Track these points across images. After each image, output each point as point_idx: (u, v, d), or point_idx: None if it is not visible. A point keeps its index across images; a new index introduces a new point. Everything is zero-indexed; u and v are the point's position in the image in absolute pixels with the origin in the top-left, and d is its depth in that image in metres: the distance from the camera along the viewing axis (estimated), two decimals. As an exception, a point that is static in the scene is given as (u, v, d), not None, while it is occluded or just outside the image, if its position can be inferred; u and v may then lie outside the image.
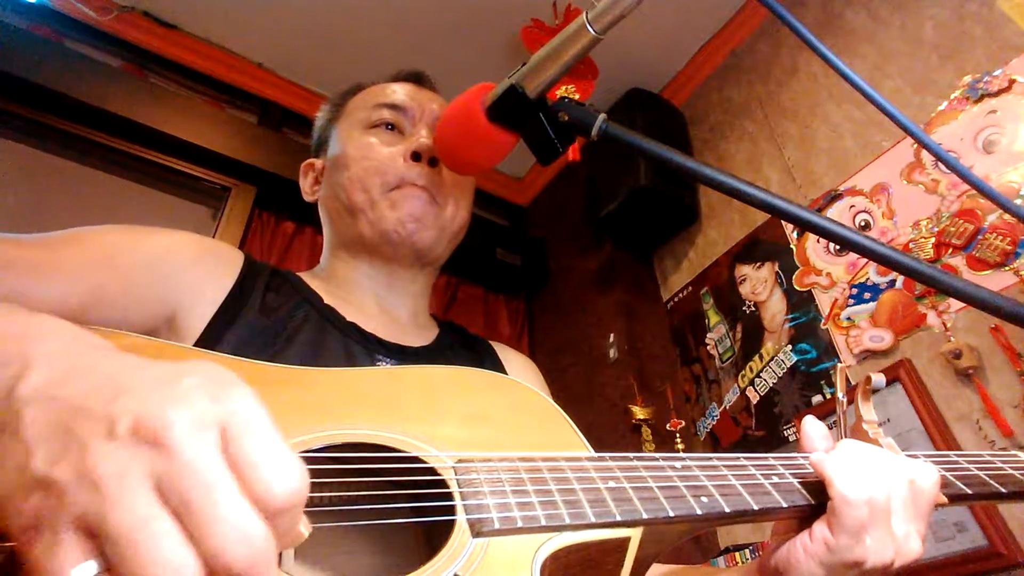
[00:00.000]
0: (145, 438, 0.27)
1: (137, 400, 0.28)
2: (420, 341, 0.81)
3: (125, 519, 0.25)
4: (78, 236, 0.62)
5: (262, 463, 0.28)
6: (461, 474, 0.44)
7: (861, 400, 0.58)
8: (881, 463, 0.50)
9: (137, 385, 0.30)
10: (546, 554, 0.40)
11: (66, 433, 0.28)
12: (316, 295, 0.76)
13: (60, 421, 0.28)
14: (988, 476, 0.57)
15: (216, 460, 0.27)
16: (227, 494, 0.27)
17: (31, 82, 1.98)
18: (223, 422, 0.28)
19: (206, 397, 0.29)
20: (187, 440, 0.27)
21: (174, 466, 0.26)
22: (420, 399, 0.53)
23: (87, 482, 0.26)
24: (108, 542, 0.25)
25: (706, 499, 0.45)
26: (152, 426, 0.27)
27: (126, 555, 0.25)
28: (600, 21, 0.55)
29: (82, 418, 0.28)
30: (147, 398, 0.28)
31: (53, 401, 0.29)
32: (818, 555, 0.47)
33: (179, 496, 0.26)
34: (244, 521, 0.26)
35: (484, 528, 0.39)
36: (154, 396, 0.29)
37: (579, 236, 2.85)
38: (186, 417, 0.27)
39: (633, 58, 2.68)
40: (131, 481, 0.26)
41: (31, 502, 0.26)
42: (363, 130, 0.85)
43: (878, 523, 0.47)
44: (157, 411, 0.27)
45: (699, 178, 0.53)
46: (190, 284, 0.65)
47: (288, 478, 0.28)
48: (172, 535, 0.25)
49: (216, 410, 0.29)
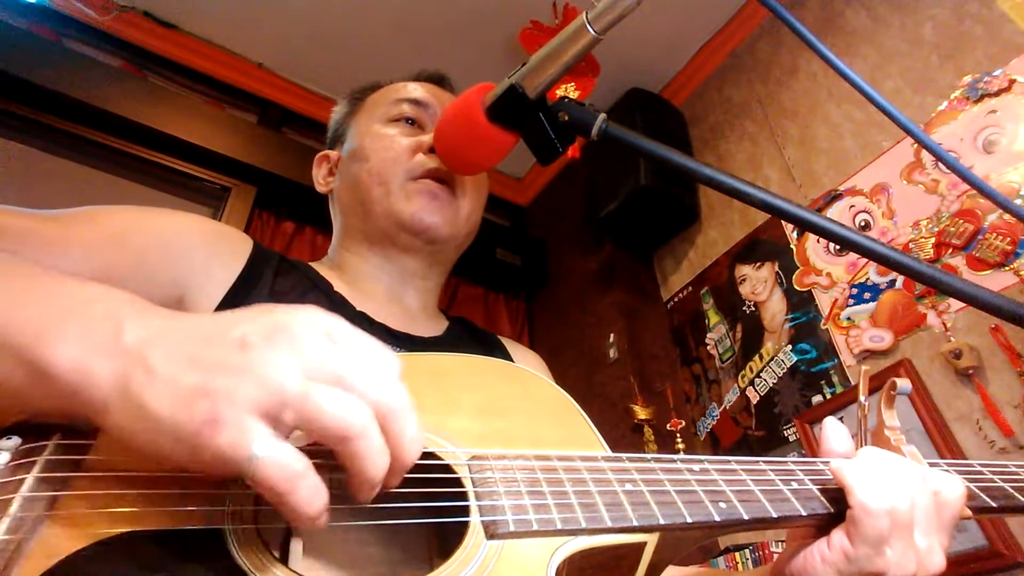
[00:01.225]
0: (278, 342, 0.33)
1: (249, 324, 0.34)
2: (430, 332, 0.80)
3: (298, 387, 0.32)
4: (91, 214, 0.62)
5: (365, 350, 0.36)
6: (475, 472, 0.43)
7: (884, 405, 0.55)
8: (904, 473, 0.47)
9: (238, 318, 0.35)
10: (561, 558, 0.39)
11: (199, 359, 0.32)
12: (326, 282, 0.76)
13: (190, 353, 0.33)
14: (1013, 488, 0.55)
15: (337, 350, 0.35)
16: (361, 364, 0.35)
17: (31, 82, 1.98)
18: (323, 327, 0.35)
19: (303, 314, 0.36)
20: (311, 338, 0.34)
21: (312, 357, 0.33)
22: (434, 388, 0.52)
23: (249, 379, 0.31)
24: (294, 412, 0.32)
25: (724, 505, 0.44)
26: (279, 334, 0.33)
27: (310, 410, 0.32)
28: (600, 21, 0.55)
29: (209, 345, 0.33)
30: (261, 321, 0.34)
31: (170, 343, 0.33)
32: (836, 564, 0.46)
33: (327, 372, 0.33)
34: (384, 378, 0.35)
35: (499, 530, 0.39)
36: (266, 319, 0.35)
37: (579, 236, 2.84)
38: (301, 324, 0.35)
39: (633, 58, 2.68)
40: (286, 367, 0.32)
41: (201, 406, 0.31)
42: (382, 123, 0.85)
43: (900, 535, 0.45)
44: (273, 321, 0.34)
45: (699, 178, 0.53)
46: (200, 266, 0.65)
47: (386, 359, 0.37)
48: (336, 390, 0.33)
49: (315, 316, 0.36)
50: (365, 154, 0.82)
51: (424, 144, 0.79)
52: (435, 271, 0.86)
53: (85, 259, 0.57)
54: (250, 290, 0.67)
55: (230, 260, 0.68)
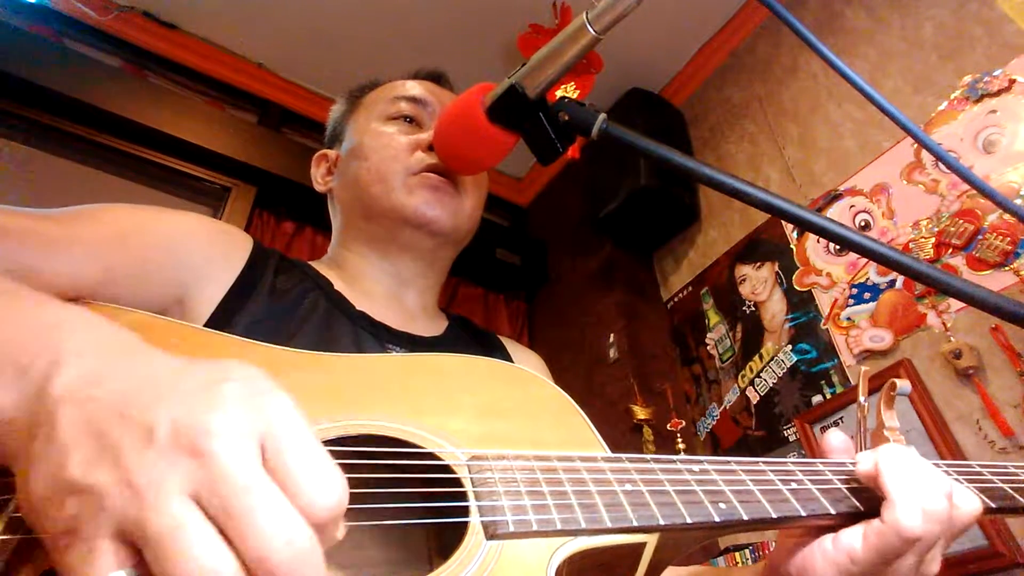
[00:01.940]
0: (184, 447, 0.27)
1: (176, 407, 0.28)
2: (430, 331, 0.80)
3: (164, 523, 0.25)
4: (93, 213, 0.62)
5: (304, 476, 0.28)
6: (475, 472, 0.43)
7: (884, 406, 0.55)
8: (940, 492, 0.45)
9: (176, 390, 0.29)
10: (561, 558, 0.39)
11: (102, 437, 0.27)
12: (326, 281, 0.75)
13: (96, 424, 0.28)
14: (1013, 489, 0.55)
15: (256, 469, 0.27)
16: (269, 498, 0.27)
17: (31, 82, 1.98)
18: (263, 432, 0.28)
19: (245, 406, 0.29)
20: (227, 450, 0.27)
21: (214, 475, 0.26)
22: (434, 389, 0.52)
23: (125, 489, 0.26)
24: (147, 548, 0.25)
25: (724, 505, 0.44)
26: (192, 435, 0.27)
27: (165, 557, 0.25)
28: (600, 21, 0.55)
29: (120, 423, 0.28)
30: (186, 405, 0.28)
31: (88, 402, 0.29)
32: (838, 565, 0.45)
33: (219, 504, 0.26)
34: (289, 523, 0.26)
35: (498, 531, 0.39)
36: (193, 403, 0.28)
37: (579, 236, 2.84)
38: (226, 426, 0.27)
39: (633, 58, 2.68)
40: (170, 488, 0.26)
41: (67, 508, 0.26)
42: (381, 122, 0.84)
43: (915, 553, 0.45)
44: (197, 419, 0.27)
45: (699, 178, 0.53)
46: (201, 265, 0.65)
47: (330, 491, 0.28)
48: (211, 538, 0.25)
49: (256, 420, 0.28)
50: (364, 152, 0.82)
51: (423, 142, 0.79)
52: (435, 269, 0.86)
53: (87, 260, 0.57)
54: (250, 289, 0.67)
55: (231, 259, 0.68)
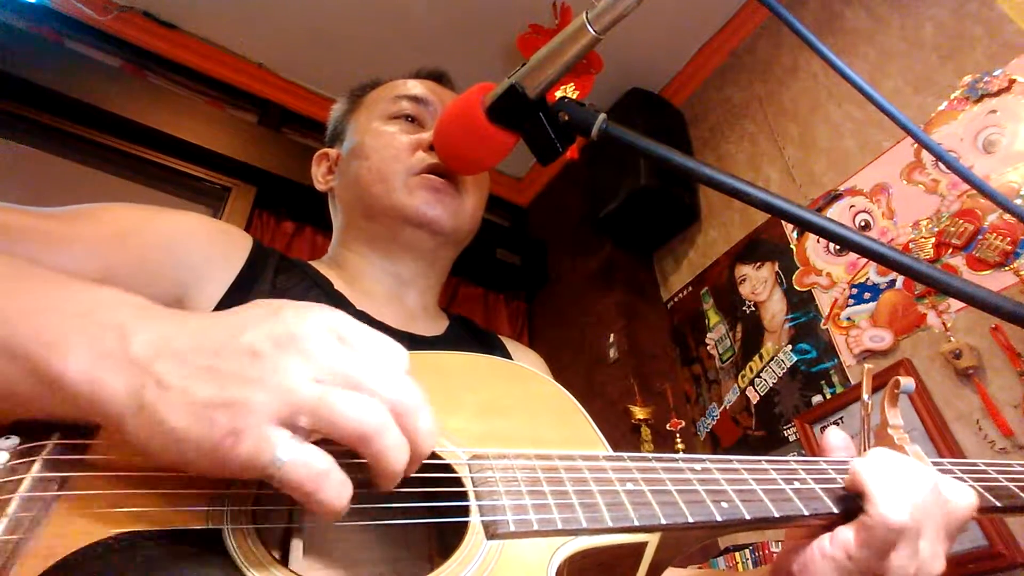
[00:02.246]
0: (289, 349, 0.33)
1: (259, 330, 0.34)
2: (431, 331, 0.80)
3: (314, 392, 0.32)
4: (92, 212, 0.62)
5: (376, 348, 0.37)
6: (476, 472, 0.43)
7: (888, 404, 0.55)
8: (922, 483, 0.47)
9: (247, 322, 0.35)
10: (562, 558, 0.39)
11: (212, 371, 0.32)
12: (326, 280, 0.75)
13: (198, 364, 0.32)
14: (1019, 488, 0.54)
15: (346, 350, 0.35)
16: (372, 364, 0.35)
17: (31, 82, 1.98)
18: (331, 328, 0.35)
19: (310, 314, 0.36)
20: (322, 344, 0.34)
21: (324, 363, 0.34)
22: (435, 387, 0.52)
23: (263, 390, 0.32)
24: (310, 416, 0.32)
25: (726, 504, 0.44)
26: (289, 341, 0.34)
27: (332, 411, 0.32)
28: (600, 21, 0.55)
29: (218, 357, 0.33)
30: (266, 325, 0.34)
31: (178, 354, 0.33)
32: (835, 561, 0.46)
33: (343, 379, 0.34)
34: (394, 373, 0.36)
35: (499, 530, 0.39)
36: (271, 323, 0.35)
37: (579, 236, 2.84)
38: (310, 329, 0.34)
39: (633, 58, 2.68)
40: (298, 375, 0.33)
41: (219, 418, 0.31)
42: (383, 121, 0.84)
43: (907, 544, 0.45)
44: (285, 329, 0.34)
45: (699, 178, 0.53)
46: (200, 265, 0.65)
47: (395, 351, 0.38)
48: (352, 393, 0.33)
49: (322, 320, 0.36)
50: (365, 152, 0.82)
51: (424, 141, 0.79)
52: (435, 269, 0.86)
53: (87, 258, 0.57)
54: (250, 288, 0.67)
55: (230, 258, 0.68)
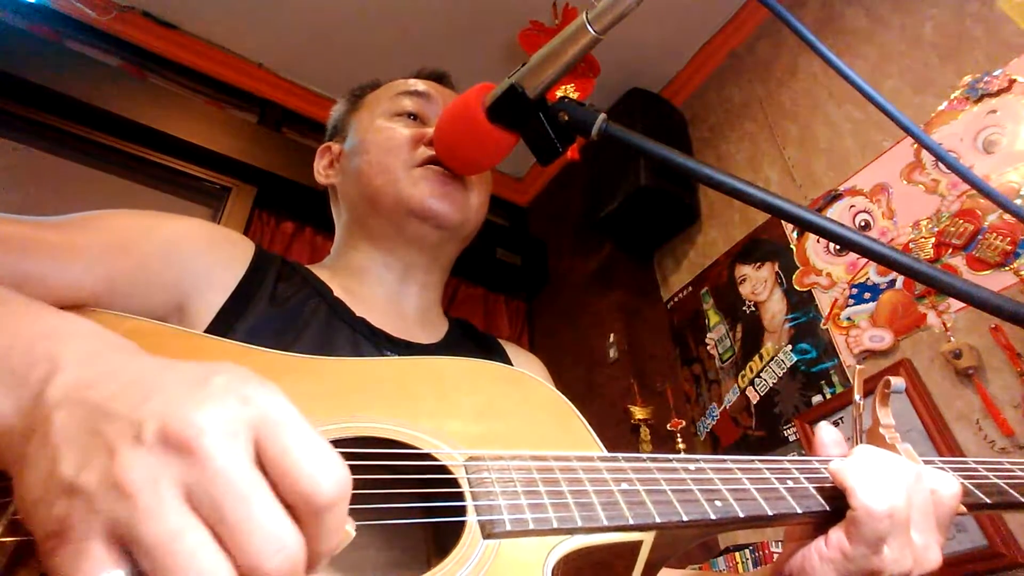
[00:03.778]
0: (174, 445, 0.26)
1: (165, 403, 0.27)
2: (429, 338, 0.80)
3: (159, 529, 0.25)
4: (92, 220, 0.62)
5: (303, 461, 0.27)
6: (472, 472, 0.43)
7: (879, 404, 0.55)
8: (901, 472, 0.48)
9: (164, 387, 0.29)
10: (558, 557, 0.39)
11: (94, 437, 0.27)
12: (326, 288, 0.75)
13: (88, 425, 0.27)
14: (1008, 485, 0.55)
15: (248, 467, 0.26)
16: (263, 503, 0.26)
17: (31, 82, 1.98)
18: (255, 425, 0.28)
19: (235, 399, 0.28)
20: (218, 447, 0.26)
21: (206, 475, 0.26)
22: (431, 391, 0.52)
23: (115, 490, 0.25)
24: (141, 553, 0.25)
25: (720, 503, 0.44)
26: (180, 432, 0.26)
27: (162, 566, 0.24)
28: (600, 21, 0.55)
29: (109, 422, 0.27)
30: (175, 401, 0.28)
31: (82, 404, 0.28)
32: (834, 562, 0.46)
33: (212, 506, 0.25)
34: (281, 530, 0.26)
35: (495, 529, 0.39)
36: (182, 399, 0.28)
37: (579, 236, 2.85)
38: (216, 422, 0.27)
39: (633, 58, 2.68)
40: (161, 490, 0.25)
41: (58, 508, 0.26)
42: (385, 118, 0.84)
43: (897, 534, 0.46)
44: (186, 415, 0.27)
45: (699, 178, 0.53)
46: (202, 272, 0.65)
47: (331, 472, 0.28)
48: (208, 546, 0.25)
49: (247, 412, 0.28)
50: (366, 147, 0.82)
51: (426, 136, 0.79)
52: (438, 265, 0.86)
53: (87, 268, 0.57)
54: (251, 296, 0.66)
55: (232, 265, 0.68)
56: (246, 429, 0.27)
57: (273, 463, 0.27)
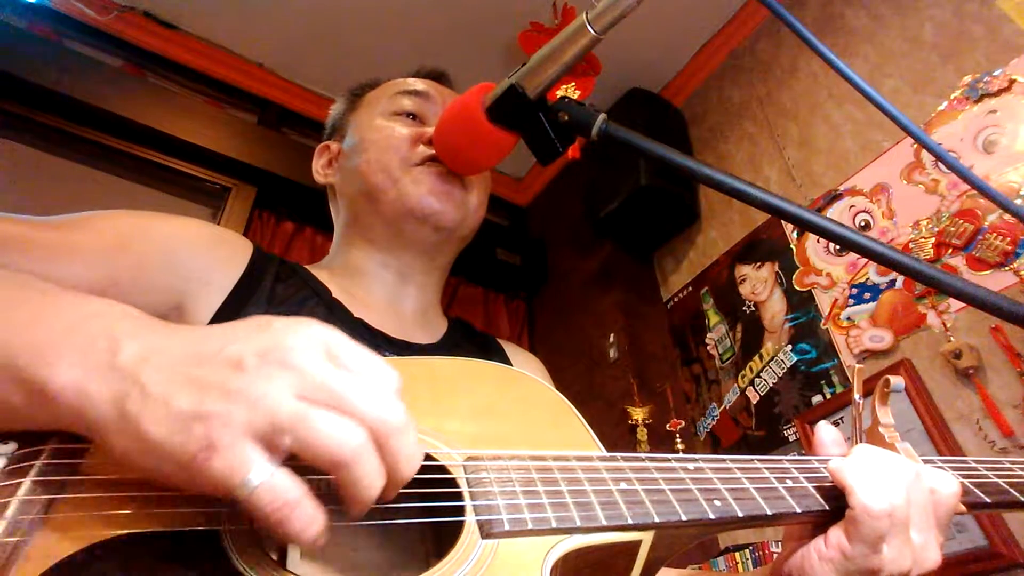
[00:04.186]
0: (275, 362, 0.33)
1: (247, 342, 0.34)
2: (427, 338, 0.80)
3: (296, 410, 0.31)
4: (91, 220, 0.62)
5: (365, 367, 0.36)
6: (471, 472, 0.43)
7: (878, 403, 0.55)
8: (900, 470, 0.48)
9: (235, 335, 0.35)
10: (557, 556, 0.39)
11: (195, 381, 0.32)
12: (324, 288, 0.75)
13: (182, 374, 0.32)
14: (1007, 483, 0.55)
15: (334, 367, 0.34)
16: (359, 382, 0.34)
17: (31, 82, 1.98)
18: (323, 343, 0.35)
19: (301, 328, 0.35)
20: (310, 358, 0.33)
21: (307, 376, 0.33)
22: (430, 391, 0.52)
23: (244, 403, 0.31)
24: (288, 434, 0.31)
25: (719, 503, 0.44)
26: (276, 354, 0.33)
27: (311, 432, 0.31)
28: (600, 21, 0.55)
29: (202, 367, 0.32)
30: (254, 338, 0.34)
31: (164, 364, 0.33)
32: (833, 562, 0.46)
33: (326, 396, 0.33)
34: (381, 392, 0.34)
35: (493, 529, 0.39)
36: (260, 336, 0.34)
37: (579, 236, 2.84)
38: (299, 343, 0.34)
39: (633, 58, 2.68)
40: (281, 390, 0.32)
41: (195, 431, 0.30)
42: (384, 118, 0.84)
43: (896, 533, 0.46)
44: (273, 343, 0.33)
45: (699, 178, 0.53)
46: (200, 273, 0.65)
47: (386, 373, 0.36)
48: (332, 412, 0.32)
49: (313, 335, 0.35)
50: (365, 146, 0.82)
51: (425, 135, 0.79)
52: (436, 265, 0.85)
53: (90, 269, 0.57)
54: (249, 297, 0.66)
55: (229, 266, 0.68)
56: (321, 345, 0.35)
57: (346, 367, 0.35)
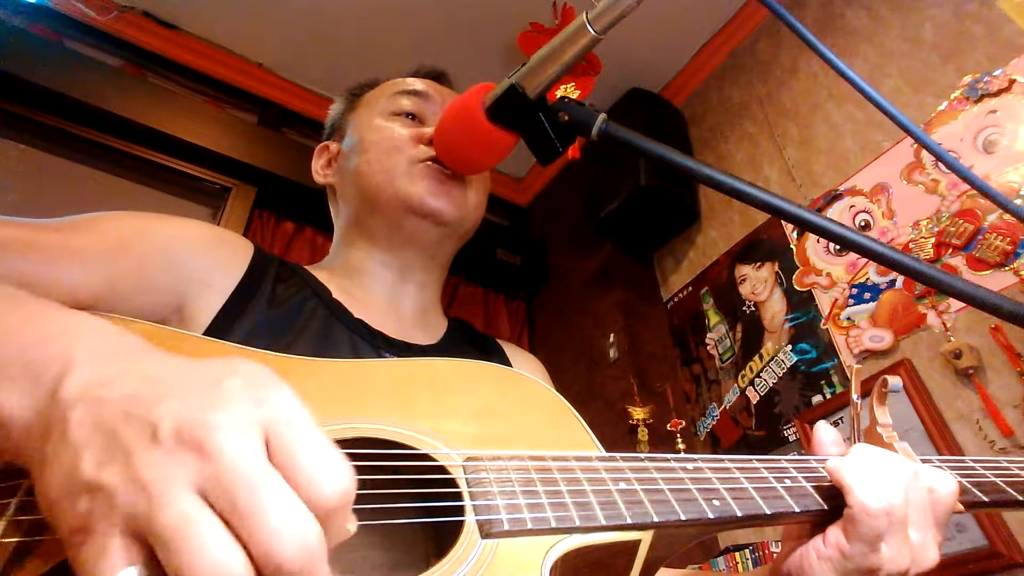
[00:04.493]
0: (188, 443, 0.27)
1: (179, 404, 0.28)
2: (427, 339, 0.80)
3: (173, 519, 0.25)
4: (92, 222, 0.62)
5: (310, 464, 0.28)
6: (470, 473, 0.43)
7: (876, 403, 0.56)
8: (898, 469, 0.48)
9: (178, 388, 0.30)
10: (556, 556, 0.39)
11: (112, 437, 0.28)
12: (325, 289, 0.75)
13: (105, 424, 0.28)
14: (1005, 483, 0.55)
15: (261, 462, 0.27)
16: (276, 494, 0.27)
17: (31, 82, 1.98)
18: (266, 425, 0.28)
19: (248, 400, 0.29)
20: (230, 445, 0.27)
21: (219, 470, 0.26)
22: (429, 392, 0.52)
23: (134, 486, 0.26)
24: (157, 544, 0.25)
25: (718, 502, 0.45)
26: (194, 431, 0.27)
27: (176, 555, 0.25)
28: (600, 21, 0.55)
29: (126, 422, 0.28)
30: (189, 401, 0.28)
31: (97, 403, 0.29)
32: (832, 561, 0.46)
33: (226, 499, 0.26)
34: (297, 519, 0.26)
35: (493, 529, 0.39)
36: (196, 399, 0.29)
37: (579, 236, 2.84)
38: (228, 422, 0.28)
39: (633, 58, 2.68)
40: (177, 484, 0.26)
41: (80, 505, 0.27)
42: (383, 118, 0.84)
43: (895, 531, 0.46)
44: (199, 415, 0.28)
45: (699, 178, 0.53)
46: (201, 274, 0.64)
47: (337, 477, 0.28)
48: (220, 535, 0.26)
49: (259, 413, 0.29)
50: (365, 146, 0.82)
51: (425, 135, 0.79)
52: (436, 263, 0.86)
53: (90, 271, 0.57)
54: (249, 298, 0.66)
55: (230, 267, 0.68)
56: (258, 428, 0.28)
57: (282, 464, 0.28)
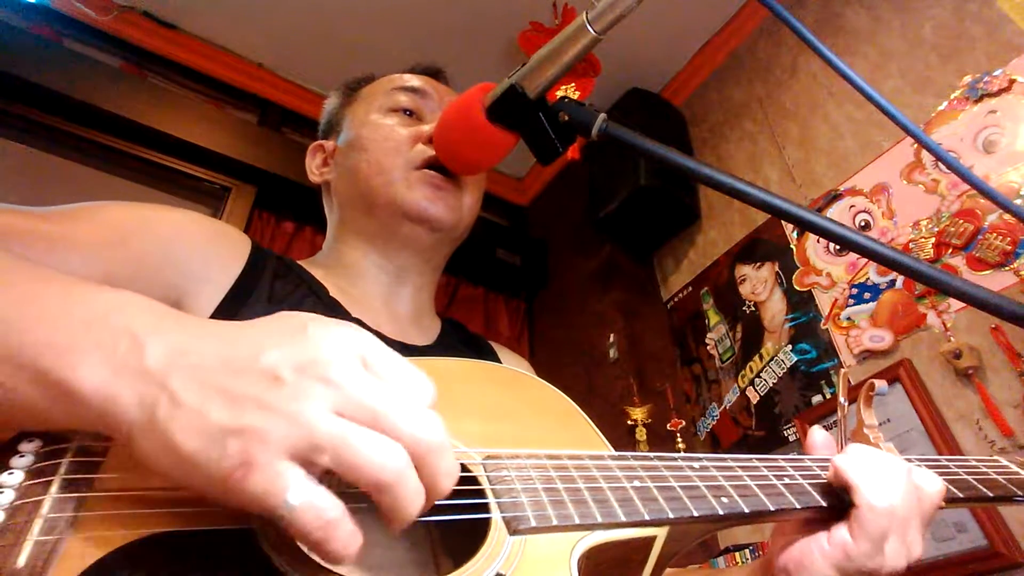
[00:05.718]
0: (314, 377, 0.32)
1: (285, 351, 0.33)
2: (423, 339, 0.80)
3: (334, 430, 0.31)
4: (90, 212, 0.62)
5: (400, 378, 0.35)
6: (491, 471, 0.44)
7: (863, 405, 0.59)
8: (897, 470, 0.49)
9: (270, 341, 0.34)
10: (581, 551, 0.41)
11: (225, 392, 0.31)
12: (322, 287, 0.75)
13: (211, 383, 0.31)
14: (976, 481, 0.59)
15: (373, 380, 0.33)
16: (397, 398, 0.33)
17: (31, 82, 1.97)
18: (361, 353, 0.34)
19: (336, 335, 0.34)
20: (349, 372, 0.33)
21: (347, 393, 0.32)
22: (440, 392, 0.53)
23: (281, 420, 0.30)
24: (327, 454, 0.30)
25: (726, 499, 0.46)
26: (315, 368, 0.32)
27: (349, 454, 0.30)
28: (600, 21, 0.55)
29: (235, 376, 0.32)
30: (291, 348, 0.33)
31: (192, 369, 0.32)
32: (835, 560, 0.47)
33: (365, 411, 0.32)
34: (420, 410, 0.34)
35: (520, 526, 0.40)
36: (296, 345, 0.33)
37: (579, 236, 2.84)
38: (335, 355, 0.33)
39: (633, 58, 2.68)
40: (319, 408, 0.31)
41: (231, 447, 0.29)
42: (381, 114, 0.84)
43: (896, 531, 0.47)
44: (310, 355, 0.33)
45: (699, 178, 0.53)
46: (199, 268, 0.64)
47: (422, 385, 0.36)
48: (373, 431, 0.32)
49: (348, 343, 0.34)
50: (363, 144, 0.82)
51: (423, 134, 0.79)
52: (431, 265, 0.86)
53: (89, 261, 0.57)
54: (248, 294, 0.66)
55: (229, 262, 0.68)
56: (357, 355, 0.34)
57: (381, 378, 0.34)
